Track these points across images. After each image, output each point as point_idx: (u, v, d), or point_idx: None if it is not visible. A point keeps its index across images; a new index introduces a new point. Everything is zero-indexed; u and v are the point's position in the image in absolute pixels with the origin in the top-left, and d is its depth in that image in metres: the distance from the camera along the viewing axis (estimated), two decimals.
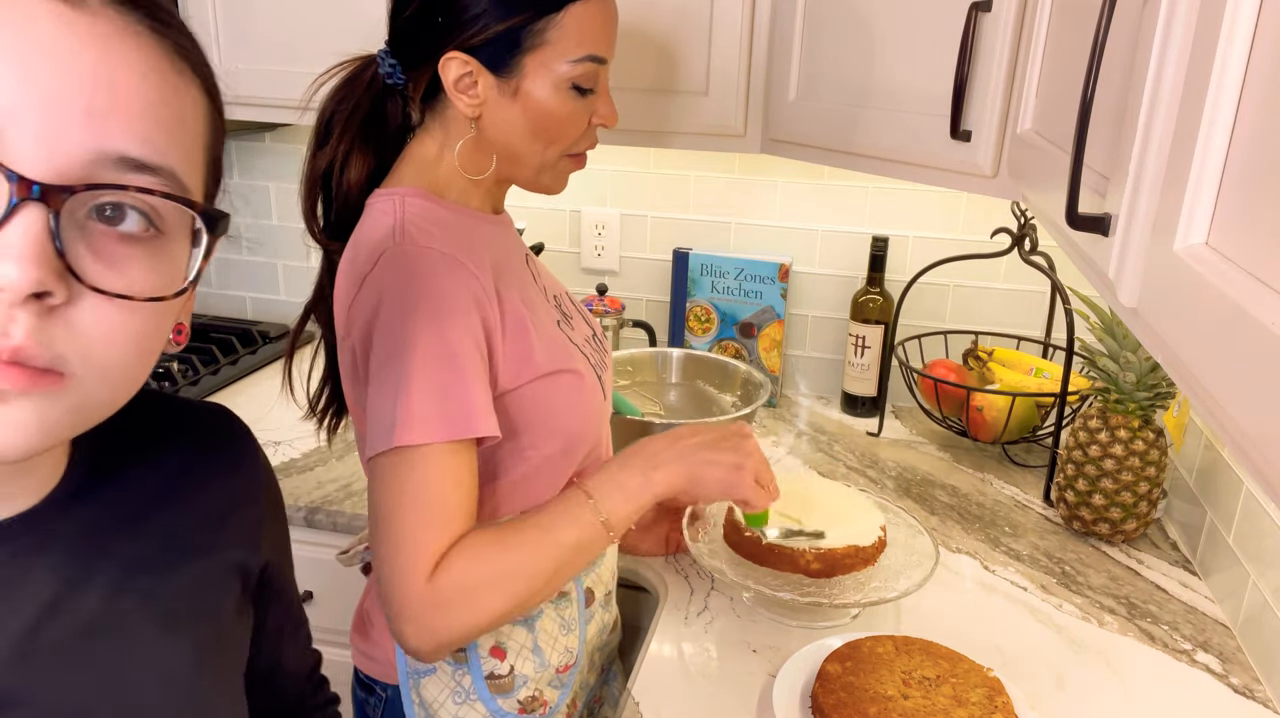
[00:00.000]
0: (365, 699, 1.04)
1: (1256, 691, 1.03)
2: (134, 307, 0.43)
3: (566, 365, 0.95)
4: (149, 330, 0.44)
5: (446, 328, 0.84)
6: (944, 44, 1.04)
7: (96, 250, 0.42)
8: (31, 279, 0.38)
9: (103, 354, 0.42)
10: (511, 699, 0.99)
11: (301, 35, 1.48)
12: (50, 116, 0.40)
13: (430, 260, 0.86)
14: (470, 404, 0.84)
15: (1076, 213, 0.59)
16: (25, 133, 0.39)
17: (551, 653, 1.01)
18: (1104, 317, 1.27)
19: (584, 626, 1.05)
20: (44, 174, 0.39)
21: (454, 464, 0.84)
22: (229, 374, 1.77)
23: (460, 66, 0.90)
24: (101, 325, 0.42)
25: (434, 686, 0.98)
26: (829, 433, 1.66)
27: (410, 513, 0.83)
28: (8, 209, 0.38)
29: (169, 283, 0.45)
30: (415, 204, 0.92)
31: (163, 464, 0.58)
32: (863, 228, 1.72)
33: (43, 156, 0.39)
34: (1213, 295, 0.40)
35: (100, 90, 0.41)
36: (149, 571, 0.55)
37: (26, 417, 0.41)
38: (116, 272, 0.42)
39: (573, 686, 1.05)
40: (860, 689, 0.92)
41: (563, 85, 0.92)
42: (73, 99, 0.40)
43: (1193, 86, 0.46)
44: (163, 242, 0.44)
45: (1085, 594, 1.19)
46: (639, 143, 1.42)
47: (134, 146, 0.42)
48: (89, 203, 0.42)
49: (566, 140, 0.95)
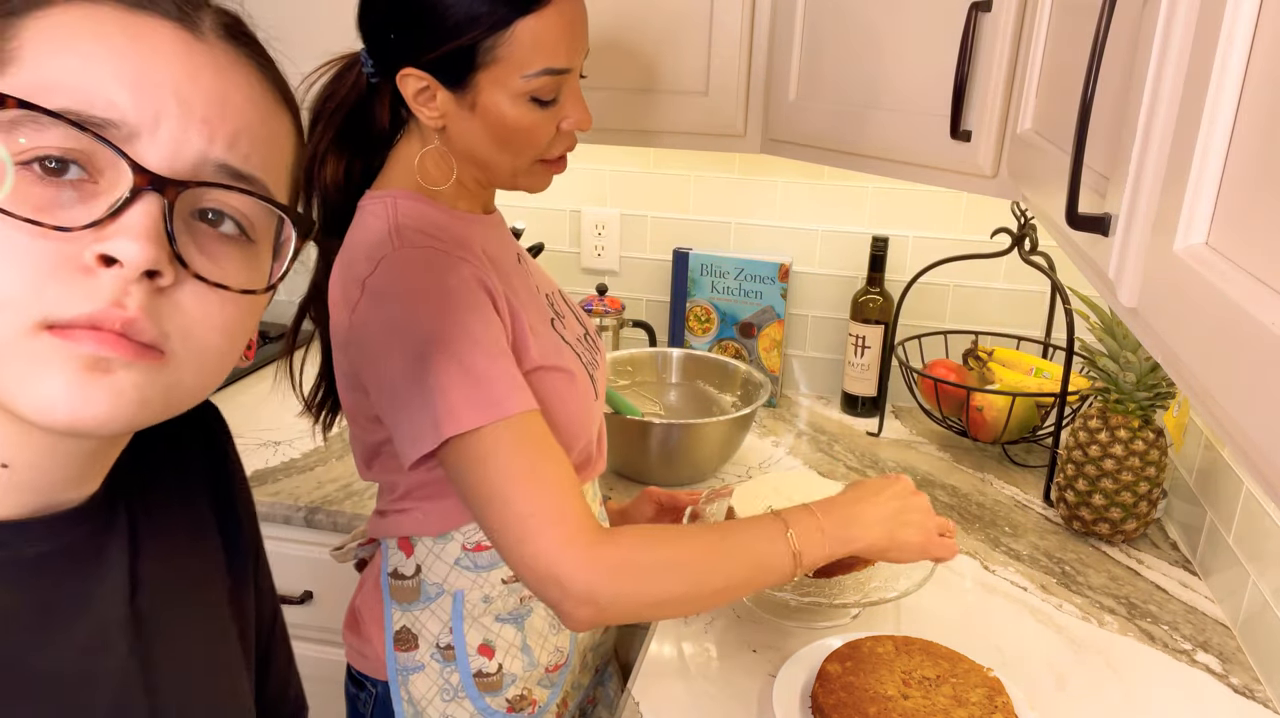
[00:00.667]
0: (356, 695, 1.05)
1: (1256, 691, 1.03)
2: (229, 297, 0.48)
3: (558, 363, 0.95)
4: (240, 322, 0.50)
5: (462, 317, 0.84)
6: (944, 44, 1.04)
7: (200, 244, 0.47)
8: (149, 257, 0.43)
9: (200, 337, 0.47)
10: (500, 698, 0.99)
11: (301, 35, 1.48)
12: (174, 124, 0.46)
13: (432, 258, 0.86)
14: (505, 384, 0.83)
15: (1076, 213, 0.59)
16: (153, 137, 0.45)
17: (541, 652, 1.01)
18: (1104, 317, 1.27)
19: None
20: (163, 169, 0.45)
21: (529, 438, 0.83)
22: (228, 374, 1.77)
23: (416, 82, 0.90)
24: (201, 309, 0.47)
25: (422, 682, 0.98)
26: (829, 433, 1.66)
27: (515, 489, 0.81)
28: (130, 195, 0.44)
29: (259, 281, 0.51)
30: (407, 206, 0.92)
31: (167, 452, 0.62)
32: (863, 228, 1.72)
33: (165, 155, 0.45)
34: (1213, 295, 0.40)
35: (214, 105, 0.47)
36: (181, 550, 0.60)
37: (128, 388, 0.45)
38: (216, 264, 0.48)
39: (563, 685, 1.05)
40: (860, 689, 0.92)
41: (520, 99, 0.90)
42: (195, 110, 0.46)
43: (1193, 86, 0.46)
44: (254, 248, 0.50)
45: (1085, 594, 1.19)
46: (639, 143, 1.42)
47: (238, 159, 0.48)
48: (196, 203, 0.47)
49: (534, 149, 0.94)
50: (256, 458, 1.50)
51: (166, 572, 0.58)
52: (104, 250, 0.43)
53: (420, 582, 0.98)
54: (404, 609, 0.99)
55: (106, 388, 0.44)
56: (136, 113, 0.45)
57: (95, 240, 0.43)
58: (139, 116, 0.45)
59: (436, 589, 0.97)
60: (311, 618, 1.42)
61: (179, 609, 0.59)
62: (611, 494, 1.37)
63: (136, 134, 0.45)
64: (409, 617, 0.98)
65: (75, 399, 0.43)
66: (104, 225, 0.43)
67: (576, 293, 1.86)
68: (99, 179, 0.44)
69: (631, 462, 1.42)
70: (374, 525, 1.02)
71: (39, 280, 0.42)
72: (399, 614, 0.99)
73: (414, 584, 0.98)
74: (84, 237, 0.43)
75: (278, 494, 1.39)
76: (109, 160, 0.44)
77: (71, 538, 0.52)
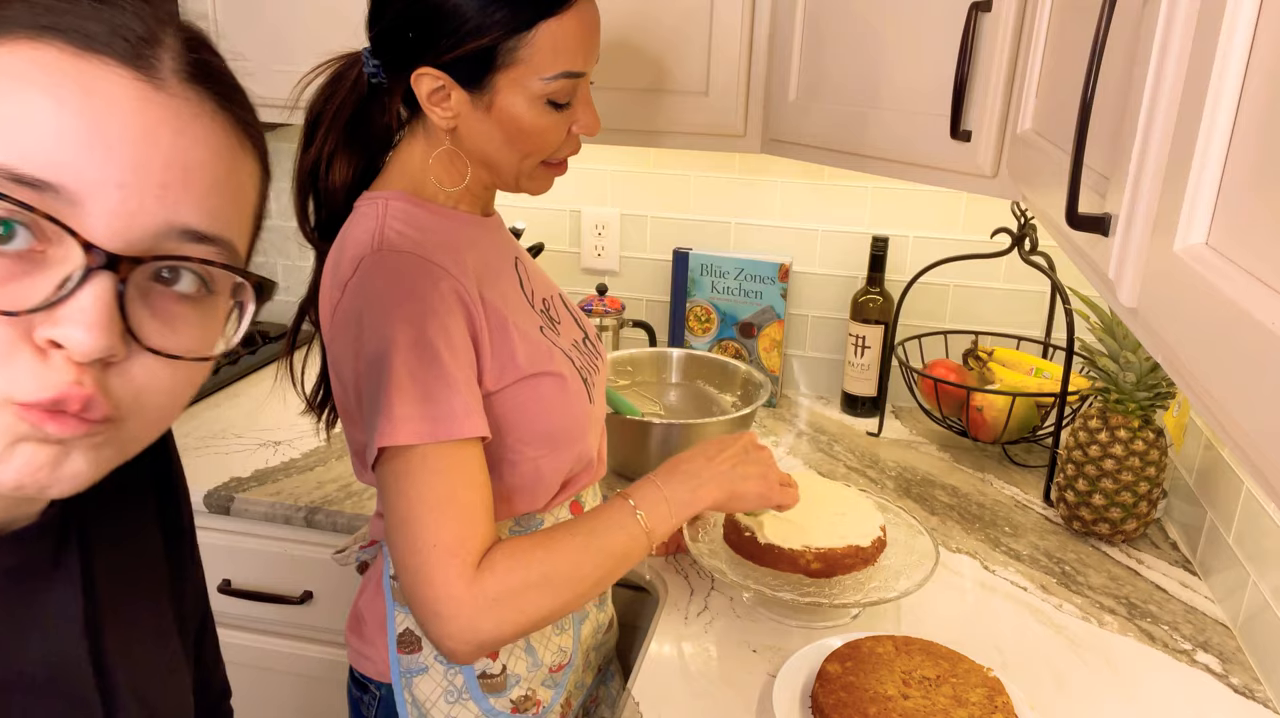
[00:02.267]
0: (360, 698, 1.05)
1: (1256, 691, 1.03)
2: (181, 364, 0.46)
3: (548, 368, 0.94)
4: (191, 381, 0.49)
5: (428, 330, 0.84)
6: (944, 44, 1.04)
7: (154, 310, 0.45)
8: (101, 346, 0.42)
9: (151, 401, 0.46)
10: (504, 699, 0.99)
11: (301, 35, 1.48)
12: (129, 193, 0.42)
13: (409, 265, 0.86)
14: (454, 405, 0.84)
15: (1076, 213, 0.59)
16: (103, 207, 0.42)
17: (544, 652, 1.01)
18: (1104, 317, 1.27)
19: (578, 625, 1.05)
20: (116, 245, 0.42)
21: (458, 463, 0.84)
22: (228, 374, 1.77)
23: (432, 81, 0.89)
24: (153, 379, 0.46)
25: (426, 684, 0.98)
26: (829, 433, 1.66)
27: (428, 515, 0.82)
28: (81, 277, 0.41)
29: (213, 340, 0.49)
30: (398, 208, 0.92)
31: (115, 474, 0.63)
32: (863, 228, 1.72)
33: (117, 229, 0.42)
34: (1213, 295, 0.40)
35: (175, 169, 0.44)
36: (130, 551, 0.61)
37: (83, 459, 0.45)
38: (171, 330, 0.46)
39: (566, 685, 1.05)
40: (860, 689, 0.92)
41: (537, 101, 0.90)
42: (150, 176, 0.43)
43: (1193, 86, 0.46)
44: (212, 301, 0.48)
45: (1085, 594, 1.19)
46: (639, 143, 1.42)
47: (200, 221, 0.45)
48: (153, 270, 0.45)
49: (544, 151, 0.94)
50: (256, 458, 1.50)
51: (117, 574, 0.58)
52: (54, 337, 0.41)
53: None
54: (406, 612, 0.98)
55: (69, 465, 0.44)
56: (84, 179, 0.41)
57: (46, 323, 0.41)
58: (87, 183, 0.41)
59: None
60: (311, 618, 1.42)
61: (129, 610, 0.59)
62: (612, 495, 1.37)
63: (82, 201, 0.41)
64: (412, 619, 0.98)
65: (41, 478, 0.44)
66: (55, 308, 0.41)
67: (576, 293, 1.86)
68: (48, 247, 0.42)
69: (631, 462, 1.42)
70: (375, 527, 1.02)
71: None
72: (401, 617, 0.99)
73: None
74: (33, 319, 0.41)
75: (278, 494, 1.39)
76: (57, 232, 0.41)
77: (27, 554, 0.52)
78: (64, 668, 0.54)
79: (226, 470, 1.45)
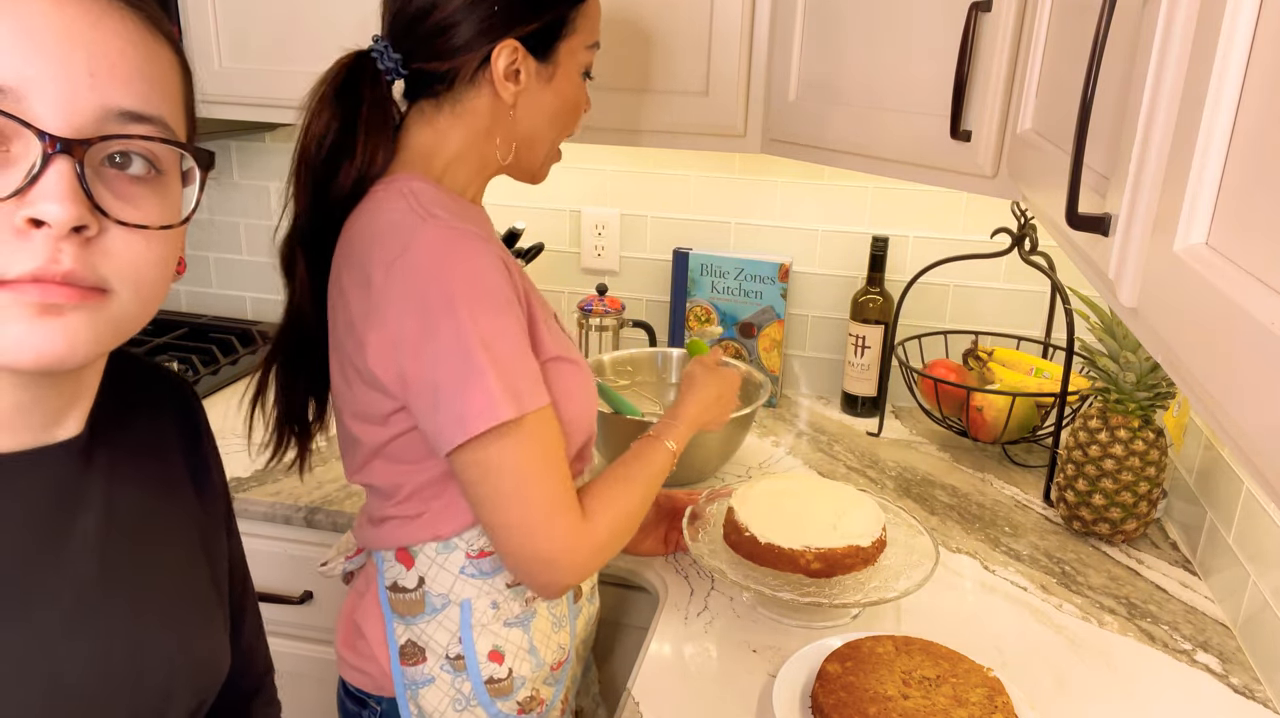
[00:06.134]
0: (357, 713, 1.02)
1: (1256, 691, 1.03)
2: (151, 234, 0.52)
3: (567, 354, 0.96)
4: (165, 253, 0.54)
5: (498, 302, 0.85)
6: (944, 44, 1.04)
7: (115, 191, 0.51)
8: (71, 215, 0.48)
9: (133, 273, 0.52)
10: (511, 702, 0.99)
11: (301, 35, 1.48)
12: (63, 83, 0.48)
13: (462, 239, 0.85)
14: (535, 373, 0.87)
15: (1076, 213, 0.59)
16: (45, 98, 0.48)
17: (546, 651, 1.01)
18: (1104, 317, 1.27)
19: (573, 620, 1.05)
20: (65, 130, 0.48)
21: (547, 427, 0.88)
22: (229, 374, 1.77)
23: (511, 54, 0.92)
24: (129, 251, 0.52)
25: (433, 695, 0.97)
26: (829, 433, 1.66)
27: (535, 480, 0.87)
28: (42, 162, 0.47)
29: (174, 214, 0.55)
30: (421, 188, 0.90)
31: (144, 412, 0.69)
32: (863, 228, 1.72)
33: (62, 116, 0.48)
34: (1213, 295, 0.40)
35: (98, 58, 0.50)
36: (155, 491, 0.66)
37: (79, 325, 0.50)
38: (133, 205, 0.52)
39: (565, 681, 1.05)
40: (860, 689, 0.92)
41: (580, 70, 0.98)
42: (79, 66, 0.49)
43: (1193, 86, 0.46)
44: (163, 180, 0.54)
45: (1085, 594, 1.19)
46: (640, 143, 1.42)
47: (132, 101, 0.51)
48: (103, 153, 0.51)
49: (574, 125, 1.01)
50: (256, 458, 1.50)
51: (141, 507, 0.64)
52: (31, 214, 0.47)
53: (424, 593, 0.96)
54: (407, 623, 0.97)
55: (61, 328, 0.49)
56: (22, 76, 0.47)
57: (20, 206, 0.48)
58: (25, 79, 0.47)
59: (442, 600, 0.96)
60: (312, 618, 1.42)
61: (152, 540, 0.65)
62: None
63: (25, 96, 0.47)
64: (414, 630, 0.97)
65: (36, 339, 0.49)
66: (25, 192, 0.48)
67: (576, 293, 1.86)
68: (9, 146, 0.48)
69: None
70: (368, 537, 0.99)
71: None
72: (402, 628, 0.97)
73: (417, 597, 0.96)
74: (8, 205, 0.47)
75: (278, 494, 1.39)
76: (14, 129, 0.48)
77: (56, 471, 0.58)
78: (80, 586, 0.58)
79: (226, 471, 1.44)
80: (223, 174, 1.96)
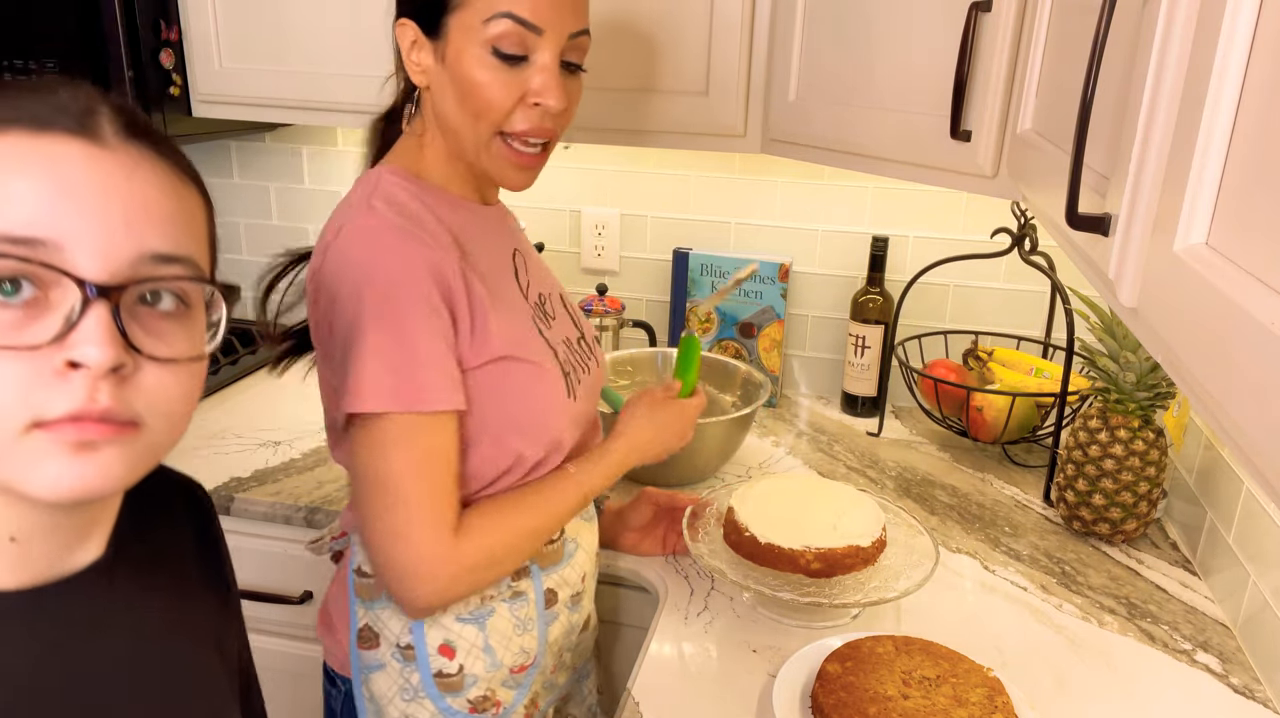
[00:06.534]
0: (329, 691, 1.06)
1: (1256, 691, 1.03)
2: (180, 366, 0.55)
3: (524, 355, 0.94)
4: (192, 383, 0.57)
5: (402, 300, 0.85)
6: (944, 44, 1.04)
7: (147, 328, 0.54)
8: (109, 357, 0.50)
9: (165, 405, 0.55)
10: (461, 698, 0.99)
11: (301, 36, 1.48)
12: (100, 234, 0.51)
13: (388, 234, 0.87)
14: (426, 377, 0.86)
15: (1076, 213, 0.59)
16: (84, 248, 0.51)
17: (505, 653, 1.00)
18: (1104, 317, 1.28)
19: (544, 626, 1.03)
20: (102, 277, 0.51)
21: (431, 433, 0.86)
22: (228, 374, 1.77)
23: (405, 33, 0.91)
24: (160, 384, 0.54)
25: (383, 681, 0.99)
26: (829, 433, 1.66)
27: (406, 481, 0.86)
28: (81, 307, 0.50)
29: (200, 345, 0.58)
30: (390, 180, 0.93)
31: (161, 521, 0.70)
32: (863, 228, 1.72)
33: (100, 264, 0.51)
34: (1213, 295, 0.40)
35: (133, 208, 0.53)
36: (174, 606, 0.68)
37: (114, 459, 0.52)
38: (164, 341, 0.54)
39: (531, 686, 1.04)
40: (860, 689, 0.92)
41: (484, 49, 0.87)
42: (115, 217, 0.52)
43: (1193, 86, 0.46)
44: (191, 313, 0.57)
45: (1085, 594, 1.19)
46: (639, 143, 1.42)
47: (164, 244, 0.54)
48: (136, 294, 0.54)
49: (493, 113, 0.89)
50: (257, 458, 1.50)
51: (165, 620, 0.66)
52: (71, 357, 0.50)
53: None
54: (367, 607, 0.99)
55: (96, 463, 0.52)
56: (63, 229, 0.50)
57: (59, 349, 0.50)
58: (66, 232, 0.50)
59: None
60: (311, 618, 1.42)
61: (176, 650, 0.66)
62: (611, 495, 1.37)
63: (66, 247, 0.50)
64: (371, 615, 0.99)
65: (74, 476, 0.51)
66: (66, 337, 0.50)
67: (576, 293, 1.85)
68: (49, 292, 0.51)
69: None
70: (347, 518, 1.03)
71: (22, 391, 0.50)
72: (363, 612, 0.99)
73: (376, 582, 0.98)
74: (48, 349, 0.50)
75: (278, 494, 1.39)
76: (53, 277, 0.50)
77: (82, 598, 0.60)
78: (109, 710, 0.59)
79: (226, 471, 1.45)
80: (223, 174, 1.96)
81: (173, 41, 1.52)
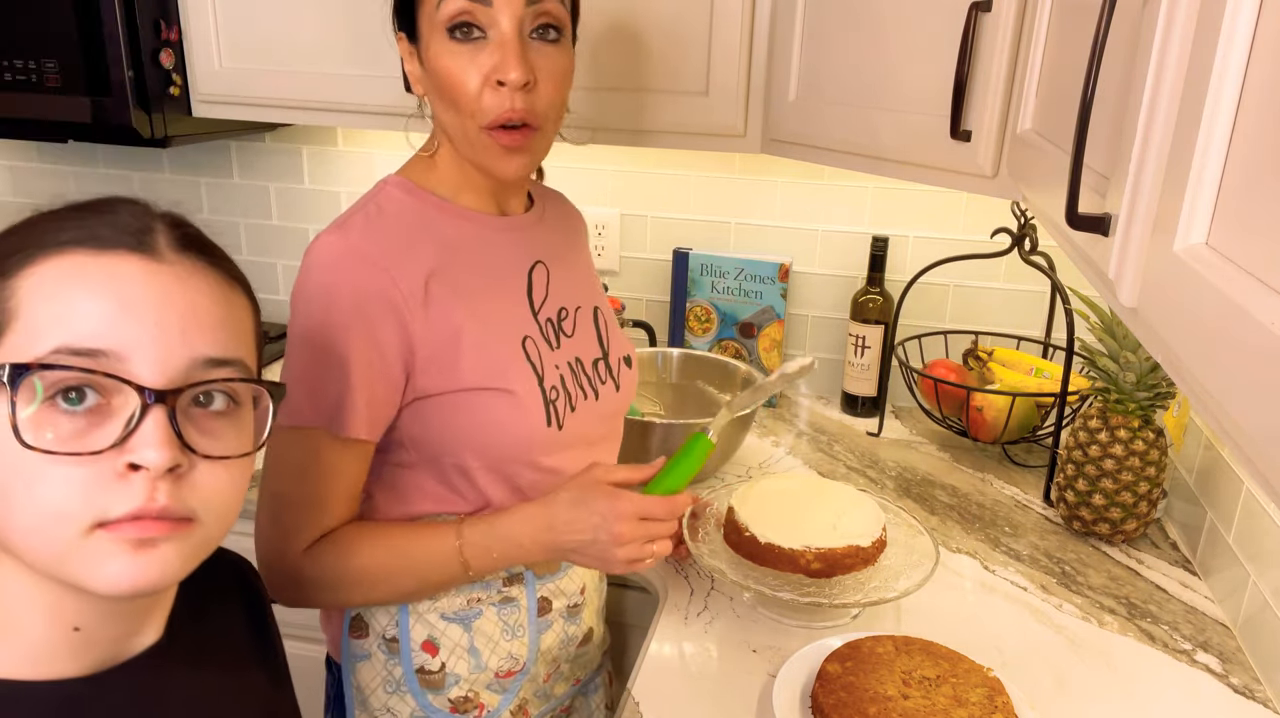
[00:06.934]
0: (328, 678, 1.08)
1: (1256, 691, 1.03)
2: (231, 463, 0.59)
3: (496, 384, 0.91)
4: (243, 477, 0.61)
5: (337, 330, 0.85)
6: (944, 44, 1.04)
7: (200, 428, 0.58)
8: (167, 458, 0.54)
9: (218, 501, 0.58)
10: (442, 697, 0.99)
11: (301, 35, 1.48)
12: (159, 344, 0.55)
13: (348, 255, 0.86)
14: (341, 403, 0.87)
15: (1076, 213, 0.59)
16: (144, 358, 0.55)
17: (490, 656, 1.00)
18: (1104, 317, 1.28)
19: (535, 634, 1.03)
20: (159, 383, 0.55)
21: (325, 454, 0.88)
22: None
23: (401, 46, 0.92)
24: (214, 481, 0.58)
25: (368, 671, 1.00)
26: (829, 433, 1.66)
27: (283, 489, 0.90)
28: (140, 413, 0.54)
29: (249, 440, 0.62)
30: (390, 193, 0.93)
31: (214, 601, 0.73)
32: (863, 228, 1.72)
33: (158, 371, 0.55)
34: (1213, 295, 0.40)
35: (188, 317, 0.57)
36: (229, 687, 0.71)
37: (171, 555, 0.56)
38: (216, 439, 0.58)
39: (518, 692, 1.03)
40: (860, 689, 0.92)
41: (444, 34, 0.85)
42: (172, 327, 0.56)
43: (1193, 86, 0.46)
44: (240, 411, 0.61)
45: (1085, 594, 1.19)
46: (639, 143, 1.42)
47: (216, 349, 0.58)
48: (190, 396, 0.57)
49: (465, 101, 0.86)
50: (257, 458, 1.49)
51: (219, 700, 0.69)
52: (131, 460, 0.54)
53: None
54: None
55: (156, 558, 0.55)
56: (124, 340, 0.54)
57: (121, 454, 0.54)
58: (126, 343, 0.54)
59: None
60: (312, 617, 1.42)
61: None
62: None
63: (126, 357, 0.54)
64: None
65: (135, 572, 0.55)
66: (126, 441, 0.54)
67: None
68: (111, 399, 0.54)
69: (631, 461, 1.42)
70: None
71: (86, 494, 0.53)
72: None
73: None
74: (110, 453, 0.54)
75: None
76: (115, 386, 0.54)
77: (140, 683, 0.63)
78: None
79: None
80: (223, 174, 1.96)
81: (173, 41, 1.52)
